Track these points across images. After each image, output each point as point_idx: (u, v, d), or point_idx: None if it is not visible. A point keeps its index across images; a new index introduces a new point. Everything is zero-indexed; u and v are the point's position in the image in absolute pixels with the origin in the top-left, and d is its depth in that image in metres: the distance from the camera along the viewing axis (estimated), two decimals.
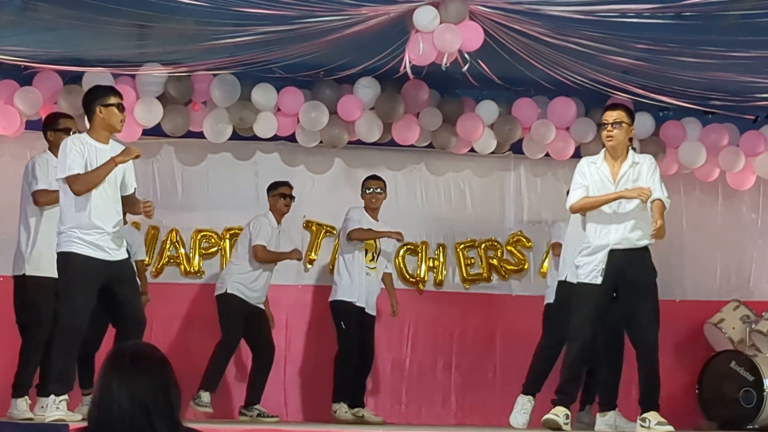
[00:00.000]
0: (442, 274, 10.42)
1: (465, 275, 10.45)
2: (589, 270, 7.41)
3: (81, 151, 6.89)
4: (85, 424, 3.15)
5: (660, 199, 7.28)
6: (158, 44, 8.76)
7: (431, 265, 10.41)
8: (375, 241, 9.51)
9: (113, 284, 6.99)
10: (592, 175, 7.49)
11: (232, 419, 9.49)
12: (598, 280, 7.37)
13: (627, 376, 8.03)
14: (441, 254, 10.43)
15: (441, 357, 10.33)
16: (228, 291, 9.30)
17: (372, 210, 9.51)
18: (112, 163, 6.86)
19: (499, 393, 10.12)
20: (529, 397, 8.27)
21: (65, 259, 6.95)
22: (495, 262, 10.48)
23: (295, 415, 9.94)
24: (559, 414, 7.48)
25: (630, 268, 7.39)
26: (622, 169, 7.43)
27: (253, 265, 9.34)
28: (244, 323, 9.30)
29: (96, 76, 9.25)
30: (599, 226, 7.43)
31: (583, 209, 7.48)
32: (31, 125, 9.40)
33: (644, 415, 7.48)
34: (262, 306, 9.43)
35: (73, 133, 7.64)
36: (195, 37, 8.31)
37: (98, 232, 6.90)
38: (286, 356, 10.01)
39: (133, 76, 9.39)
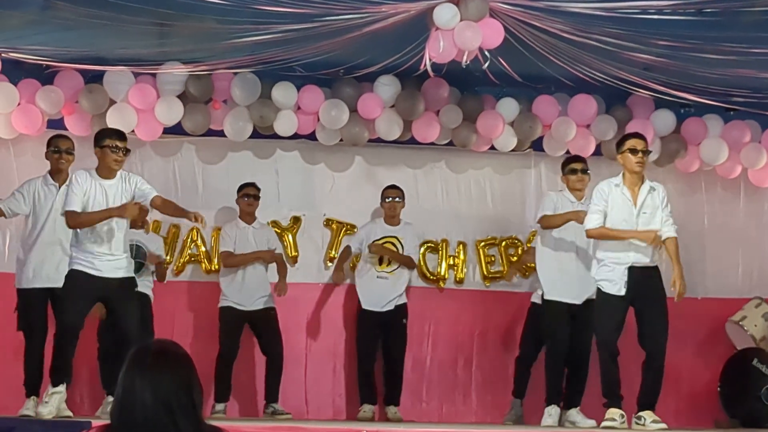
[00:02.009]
0: (462, 271, 10.40)
1: (485, 273, 10.43)
2: (613, 283, 7.87)
3: (83, 187, 7.65)
4: (108, 421, 3.15)
5: (675, 238, 7.87)
6: (179, 43, 8.77)
7: (451, 263, 10.40)
8: (393, 249, 9.68)
9: (110, 300, 7.77)
10: (614, 198, 7.94)
11: (255, 417, 9.52)
12: (623, 293, 7.84)
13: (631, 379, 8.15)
14: (461, 252, 10.41)
15: (461, 355, 10.31)
16: (219, 305, 9.50)
17: (391, 218, 9.77)
18: (107, 213, 7.63)
19: None
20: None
21: (68, 276, 7.71)
22: (515, 259, 10.46)
23: (317, 413, 9.94)
24: (615, 417, 7.84)
25: (646, 284, 7.88)
26: (642, 193, 7.93)
27: (233, 273, 9.49)
28: (248, 329, 9.52)
29: (117, 75, 9.29)
30: (620, 246, 7.88)
31: (600, 238, 8.02)
32: (52, 124, 9.46)
33: (640, 413, 7.84)
34: (267, 305, 9.49)
35: (65, 151, 8.30)
36: (215, 35, 8.32)
37: (95, 253, 7.64)
38: (306, 355, 10.03)
39: (153, 75, 9.42)
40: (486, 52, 7.97)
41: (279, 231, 10.01)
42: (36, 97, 9.30)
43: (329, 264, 10.16)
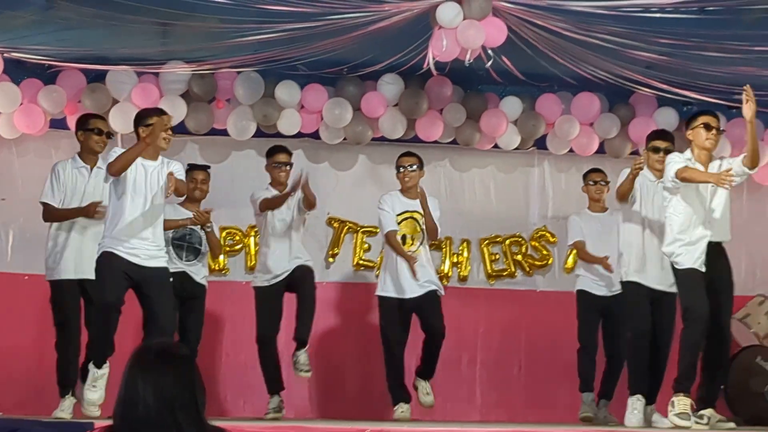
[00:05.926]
0: (466, 269, 10.41)
1: (489, 271, 10.44)
2: (695, 258, 7.62)
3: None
4: (110, 422, 3.16)
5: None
6: (182, 42, 8.79)
7: (455, 260, 10.40)
8: (415, 225, 8.84)
9: (143, 285, 7.34)
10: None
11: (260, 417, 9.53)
12: (703, 269, 7.64)
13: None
14: (465, 250, 10.41)
15: (466, 353, 10.31)
16: (252, 285, 8.93)
17: (407, 189, 8.92)
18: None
19: (524, 389, 10.13)
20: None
21: (99, 258, 7.34)
22: (519, 257, 10.45)
23: (320, 412, 9.94)
24: (687, 403, 7.62)
25: (716, 264, 7.76)
26: (712, 170, 7.62)
27: (266, 242, 8.86)
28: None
29: (119, 74, 9.30)
30: (693, 221, 7.65)
31: (687, 179, 7.52)
32: (55, 124, 9.47)
33: (701, 411, 7.70)
34: (301, 263, 8.80)
35: (105, 133, 8.06)
36: (218, 34, 8.33)
37: (131, 240, 7.29)
38: (311, 354, 10.00)
39: (156, 74, 9.42)
40: (489, 51, 7.98)
41: None
42: (38, 96, 9.31)
43: (331, 260, 10.16)
